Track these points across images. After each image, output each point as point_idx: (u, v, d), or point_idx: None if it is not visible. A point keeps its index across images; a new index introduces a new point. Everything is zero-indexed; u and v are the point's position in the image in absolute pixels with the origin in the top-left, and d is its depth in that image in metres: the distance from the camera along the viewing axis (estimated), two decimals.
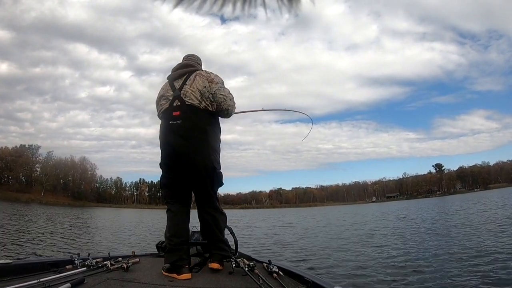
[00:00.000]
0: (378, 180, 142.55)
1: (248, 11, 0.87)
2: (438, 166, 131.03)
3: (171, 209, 2.66)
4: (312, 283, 2.12)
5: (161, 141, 2.68)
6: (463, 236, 10.86)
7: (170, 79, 2.76)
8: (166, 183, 2.71)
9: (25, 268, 2.23)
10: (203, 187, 2.65)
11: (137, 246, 11.23)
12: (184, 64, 2.83)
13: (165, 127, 2.63)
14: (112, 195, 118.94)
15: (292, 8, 0.87)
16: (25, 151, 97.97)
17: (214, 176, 2.64)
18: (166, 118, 2.63)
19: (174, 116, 2.58)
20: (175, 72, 2.78)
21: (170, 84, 2.73)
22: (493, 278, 5.57)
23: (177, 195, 2.68)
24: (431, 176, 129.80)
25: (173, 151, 2.57)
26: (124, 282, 2.08)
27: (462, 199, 53.19)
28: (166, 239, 2.59)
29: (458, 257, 7.46)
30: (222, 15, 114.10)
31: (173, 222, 2.63)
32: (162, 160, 2.69)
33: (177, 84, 2.68)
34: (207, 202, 2.71)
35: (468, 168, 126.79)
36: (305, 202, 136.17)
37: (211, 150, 2.62)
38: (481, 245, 8.61)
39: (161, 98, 2.73)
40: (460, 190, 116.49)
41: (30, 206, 51.11)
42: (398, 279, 6.04)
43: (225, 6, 0.86)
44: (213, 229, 2.69)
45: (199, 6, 0.85)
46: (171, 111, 2.61)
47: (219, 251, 2.64)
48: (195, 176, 2.59)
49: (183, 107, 2.58)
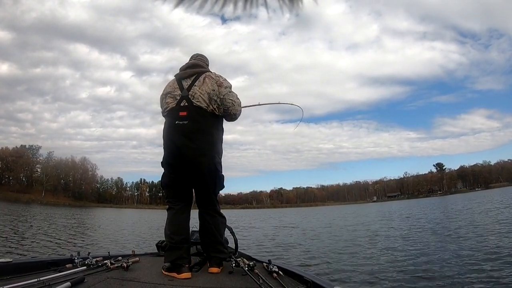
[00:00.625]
0: (379, 179, 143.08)
1: (249, 11, 0.85)
2: (439, 165, 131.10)
3: (172, 208, 2.63)
4: (312, 282, 2.11)
5: (165, 140, 2.64)
6: (472, 236, 10.48)
7: (178, 78, 2.71)
8: (168, 183, 2.68)
9: (25, 267, 2.22)
10: (205, 188, 2.65)
11: (137, 246, 11.22)
12: (193, 63, 2.79)
13: (171, 126, 2.59)
14: (113, 195, 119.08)
15: (293, 8, 0.86)
16: (25, 152, 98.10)
17: (216, 178, 2.66)
18: (172, 117, 2.58)
19: (180, 116, 2.54)
20: (184, 71, 2.73)
21: (178, 83, 2.68)
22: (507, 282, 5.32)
23: (178, 194, 2.65)
24: (432, 175, 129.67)
25: (178, 151, 2.54)
26: (124, 281, 2.08)
27: (465, 198, 52.75)
28: (167, 237, 2.56)
29: (468, 259, 7.10)
30: (223, 15, 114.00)
31: (174, 221, 2.61)
32: (164, 159, 2.65)
33: (186, 84, 2.64)
34: (208, 204, 2.71)
35: (469, 168, 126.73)
36: (306, 202, 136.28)
37: (215, 152, 2.63)
38: (492, 247, 8.26)
39: (167, 95, 2.68)
40: (461, 190, 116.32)
41: (30, 207, 51.14)
42: (404, 280, 5.98)
43: (226, 6, 0.85)
44: (213, 231, 2.68)
45: (200, 6, 0.84)
46: (177, 111, 2.57)
47: (218, 254, 2.62)
48: (198, 177, 2.58)
49: (190, 108, 2.55)
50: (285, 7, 0.86)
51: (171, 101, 2.63)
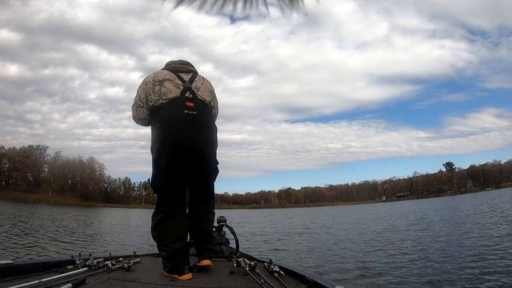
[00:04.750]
0: (388, 179, 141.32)
1: (249, 11, 0.85)
2: (448, 164, 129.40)
3: (171, 214, 2.42)
4: (313, 282, 2.10)
5: (167, 132, 2.41)
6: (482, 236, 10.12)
7: (173, 69, 2.56)
8: (165, 185, 2.45)
9: (27, 268, 2.23)
10: (209, 184, 2.62)
11: (138, 246, 11.17)
12: (187, 62, 2.71)
13: (177, 116, 2.39)
14: (121, 195, 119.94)
15: (293, 7, 0.85)
16: (32, 152, 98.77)
17: (216, 172, 2.65)
18: (178, 106, 2.41)
19: (188, 106, 2.42)
20: (180, 65, 2.63)
21: (175, 74, 2.52)
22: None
23: (178, 197, 2.47)
24: (442, 175, 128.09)
25: (190, 143, 2.38)
26: (125, 282, 2.07)
27: (476, 198, 51.58)
28: (165, 246, 2.37)
29: (477, 263, 6.74)
30: (232, 15, 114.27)
31: (174, 228, 2.42)
32: (166, 155, 2.40)
33: (185, 77, 2.54)
34: (210, 197, 2.66)
35: (479, 167, 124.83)
36: (315, 201, 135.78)
37: (216, 147, 2.62)
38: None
39: (164, 82, 2.46)
40: (471, 189, 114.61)
41: (37, 206, 51.30)
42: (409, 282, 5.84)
43: (225, 5, 0.84)
44: (208, 226, 2.64)
45: (200, 6, 0.84)
46: (184, 100, 2.43)
47: (210, 246, 2.57)
48: (205, 172, 2.53)
49: (196, 100, 2.48)
50: (285, 7, 0.85)
51: (173, 89, 2.44)
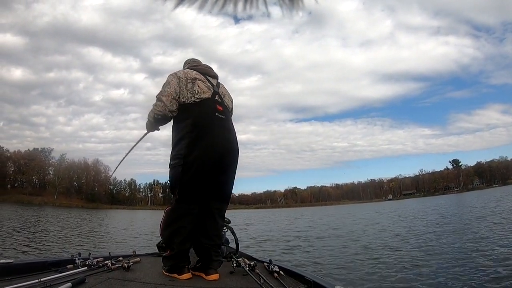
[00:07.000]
0: (394, 177, 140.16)
1: (250, 10, 0.85)
2: (455, 162, 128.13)
3: (187, 213, 2.35)
4: (313, 282, 2.10)
5: (202, 130, 2.34)
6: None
7: (203, 72, 2.55)
8: (189, 180, 2.33)
9: (26, 267, 2.25)
10: (230, 185, 2.59)
11: (138, 246, 11.05)
12: (209, 66, 2.70)
13: (209, 117, 2.38)
14: (126, 196, 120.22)
15: (293, 7, 0.85)
16: (38, 154, 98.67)
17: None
18: (210, 108, 2.41)
19: (219, 109, 2.45)
20: (207, 68, 2.65)
21: (204, 76, 2.52)
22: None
23: (198, 195, 2.38)
24: (448, 172, 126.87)
25: (228, 144, 2.43)
26: (125, 281, 2.08)
27: (484, 194, 50.10)
28: (173, 244, 2.33)
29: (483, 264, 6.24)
30: (235, 15, 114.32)
31: (188, 228, 2.35)
32: (200, 150, 2.31)
33: (213, 81, 2.57)
34: (226, 201, 2.58)
35: (485, 164, 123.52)
36: (321, 201, 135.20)
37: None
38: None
39: (196, 81, 2.43)
40: (478, 186, 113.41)
41: (42, 209, 50.99)
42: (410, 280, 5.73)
43: (226, 5, 0.84)
44: (218, 233, 2.57)
45: (200, 6, 0.84)
46: (214, 103, 2.44)
47: (219, 257, 2.49)
48: (230, 175, 2.53)
49: (223, 105, 2.51)
50: (285, 7, 0.85)
51: (206, 90, 2.43)
